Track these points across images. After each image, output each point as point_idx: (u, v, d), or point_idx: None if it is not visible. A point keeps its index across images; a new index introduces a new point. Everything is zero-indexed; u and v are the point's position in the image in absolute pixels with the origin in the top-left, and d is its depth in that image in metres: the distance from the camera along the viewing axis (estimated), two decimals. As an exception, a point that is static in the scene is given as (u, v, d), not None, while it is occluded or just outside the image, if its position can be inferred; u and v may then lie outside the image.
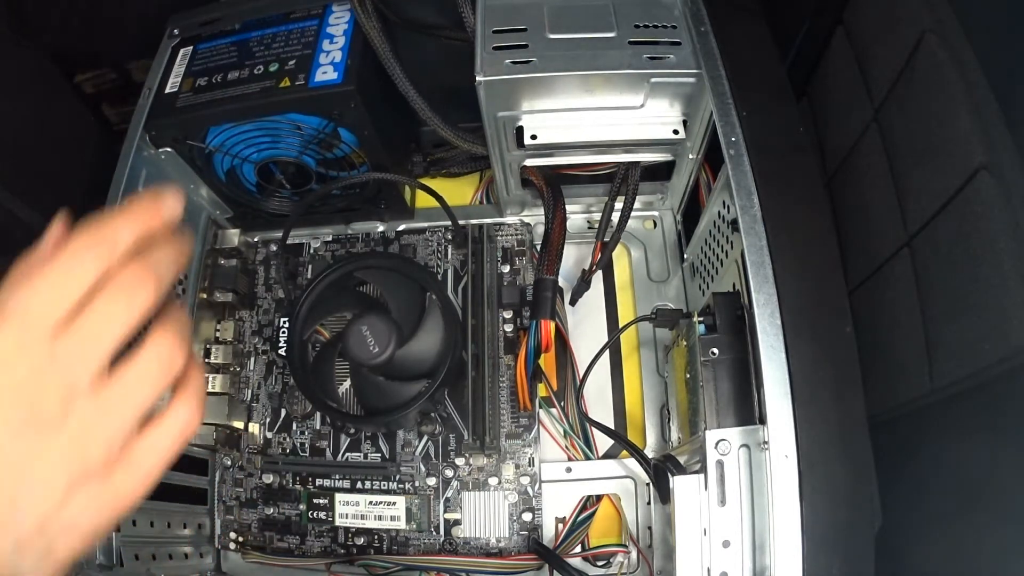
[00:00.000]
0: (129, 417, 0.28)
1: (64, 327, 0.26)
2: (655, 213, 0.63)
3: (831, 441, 0.35)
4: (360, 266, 0.55)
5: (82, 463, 0.27)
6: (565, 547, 0.54)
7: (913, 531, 0.44)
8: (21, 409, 0.26)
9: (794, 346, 0.36)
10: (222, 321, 0.62)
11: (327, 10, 0.54)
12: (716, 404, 0.40)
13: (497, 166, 0.54)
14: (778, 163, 0.42)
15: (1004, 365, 0.35)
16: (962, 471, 0.40)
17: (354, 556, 0.56)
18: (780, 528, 0.34)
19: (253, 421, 0.59)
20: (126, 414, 0.28)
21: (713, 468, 0.38)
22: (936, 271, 0.41)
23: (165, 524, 0.52)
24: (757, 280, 0.38)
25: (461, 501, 0.56)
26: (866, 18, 0.49)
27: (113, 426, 0.27)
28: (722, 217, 0.47)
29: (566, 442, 0.57)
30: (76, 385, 0.26)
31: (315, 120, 0.52)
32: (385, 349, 0.49)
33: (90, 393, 0.27)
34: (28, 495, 0.26)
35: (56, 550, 0.27)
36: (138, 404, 0.28)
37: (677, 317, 0.51)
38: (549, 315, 0.52)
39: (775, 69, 0.47)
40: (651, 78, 0.45)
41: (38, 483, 0.26)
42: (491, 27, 0.46)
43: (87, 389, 0.26)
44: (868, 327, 0.45)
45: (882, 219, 0.46)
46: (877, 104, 0.47)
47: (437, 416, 0.57)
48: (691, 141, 0.50)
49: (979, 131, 0.37)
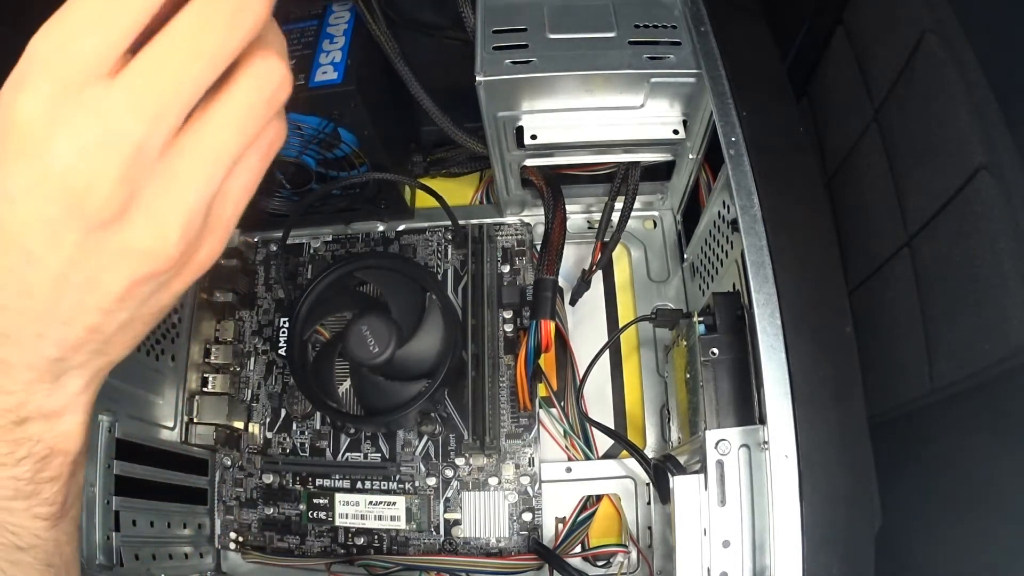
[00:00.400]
0: (217, 186, 0.20)
1: (120, 67, 0.18)
2: (655, 213, 0.63)
3: (831, 441, 0.35)
4: (360, 266, 0.55)
5: (151, 262, 0.20)
6: (565, 547, 0.54)
7: (913, 531, 0.44)
8: (60, 203, 0.18)
9: (794, 346, 0.36)
10: (222, 321, 0.62)
11: (327, 10, 0.54)
12: (716, 404, 0.40)
13: (497, 166, 0.54)
14: (778, 163, 0.42)
15: (1004, 365, 0.35)
16: (962, 471, 0.40)
17: (354, 556, 0.56)
18: (780, 528, 0.34)
19: (253, 421, 0.59)
20: (213, 184, 0.20)
21: (713, 468, 0.38)
22: (936, 271, 0.41)
23: (165, 524, 0.52)
24: (757, 280, 0.38)
25: (461, 501, 0.56)
26: (866, 18, 0.49)
27: (197, 204, 0.20)
28: (722, 217, 0.47)
29: (566, 442, 0.57)
30: (144, 158, 0.18)
31: (315, 120, 0.52)
32: (385, 349, 0.49)
33: (161, 163, 0.19)
34: (72, 302, 0.21)
35: (111, 350, 0.23)
36: (229, 159, 0.20)
37: (677, 317, 0.51)
38: (549, 315, 0.52)
39: (775, 69, 0.47)
40: (651, 78, 0.45)
41: (86, 289, 0.21)
42: (491, 27, 0.46)
43: (157, 159, 0.19)
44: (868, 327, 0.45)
45: (882, 219, 0.46)
46: (877, 104, 0.47)
47: (437, 416, 0.57)
48: (691, 141, 0.50)
49: (979, 131, 0.37)
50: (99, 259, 0.20)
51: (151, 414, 0.54)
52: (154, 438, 0.53)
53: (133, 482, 0.49)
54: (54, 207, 0.18)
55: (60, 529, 0.27)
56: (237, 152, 0.21)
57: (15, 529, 0.25)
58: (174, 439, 0.56)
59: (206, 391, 0.59)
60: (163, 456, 0.53)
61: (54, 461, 0.25)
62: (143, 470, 0.50)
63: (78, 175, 0.18)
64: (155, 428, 0.54)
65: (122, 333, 0.23)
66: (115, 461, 0.47)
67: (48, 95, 0.17)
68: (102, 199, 0.18)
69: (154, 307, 0.23)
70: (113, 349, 0.24)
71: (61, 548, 0.27)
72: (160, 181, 0.19)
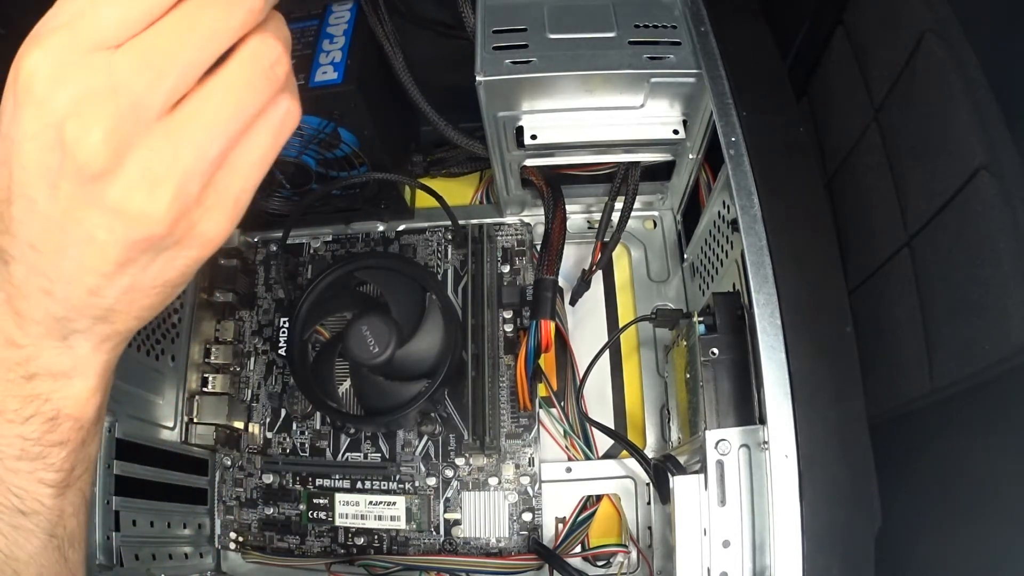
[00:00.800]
0: (215, 153, 0.21)
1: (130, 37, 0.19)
2: (655, 213, 0.63)
3: (831, 441, 0.35)
4: (360, 266, 0.55)
5: (144, 224, 0.21)
6: (565, 547, 0.54)
7: (913, 531, 0.44)
8: (57, 152, 0.20)
9: (794, 346, 0.36)
10: (222, 321, 0.62)
11: (327, 10, 0.54)
12: (716, 404, 0.40)
13: (497, 166, 0.54)
14: (778, 163, 0.42)
15: (1004, 365, 0.35)
16: (962, 471, 0.40)
17: (354, 556, 0.56)
18: (780, 528, 0.34)
19: (253, 421, 0.59)
20: (210, 150, 0.21)
21: (713, 468, 0.38)
22: (936, 271, 0.41)
23: (165, 524, 0.52)
24: (757, 280, 0.38)
25: (461, 501, 0.56)
26: (866, 18, 0.49)
27: (191, 168, 0.21)
28: (722, 217, 0.47)
29: (566, 442, 0.57)
30: (139, 115, 0.19)
31: (315, 120, 0.52)
32: (385, 349, 0.49)
33: (158, 125, 0.20)
34: (73, 260, 0.21)
35: (115, 318, 0.24)
36: (229, 133, 0.21)
37: (677, 317, 0.51)
38: (549, 315, 0.52)
39: (775, 69, 0.47)
40: (651, 78, 0.45)
41: (84, 247, 0.21)
42: (491, 27, 0.46)
43: (154, 119, 0.20)
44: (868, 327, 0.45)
45: (882, 219, 0.46)
46: (877, 104, 0.47)
47: (437, 416, 0.57)
48: (691, 141, 0.50)
49: (979, 131, 0.37)
50: (94, 215, 0.20)
51: (151, 414, 0.54)
52: (154, 438, 0.53)
53: (133, 482, 0.49)
54: (52, 155, 0.20)
55: (66, 499, 0.27)
56: (237, 122, 0.21)
57: (19, 492, 0.25)
58: (174, 439, 0.56)
59: (206, 391, 0.59)
60: (163, 456, 0.53)
61: (63, 425, 0.25)
62: (143, 470, 0.50)
63: (72, 124, 0.19)
64: (155, 428, 0.54)
65: (125, 302, 0.23)
66: (115, 461, 0.47)
67: (59, 50, 0.19)
68: (91, 149, 0.19)
69: (157, 279, 0.23)
70: (118, 318, 0.24)
71: (65, 519, 0.27)
72: (156, 142, 0.20)
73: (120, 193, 0.20)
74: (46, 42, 0.19)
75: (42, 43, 0.19)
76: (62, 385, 0.25)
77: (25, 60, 0.19)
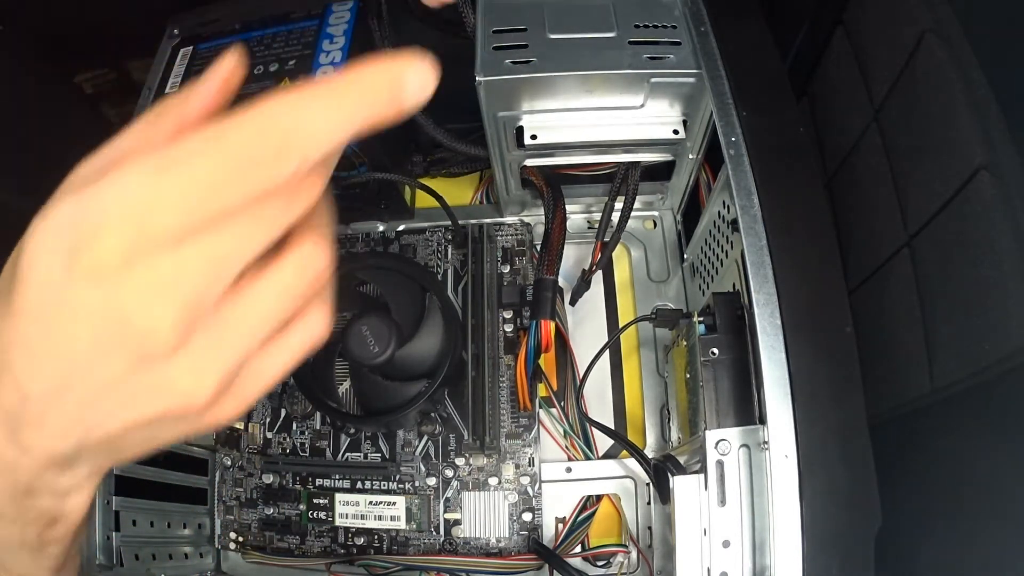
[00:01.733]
0: (253, 343, 0.22)
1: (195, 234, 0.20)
2: (655, 213, 0.63)
3: (831, 441, 0.35)
4: (360, 266, 0.55)
5: (184, 401, 0.22)
6: (565, 547, 0.54)
7: (913, 531, 0.44)
8: (116, 333, 0.20)
9: (794, 346, 0.36)
10: (222, 321, 0.62)
11: (327, 10, 0.54)
12: (716, 404, 0.40)
13: (497, 166, 0.54)
14: (778, 163, 0.42)
15: (1004, 365, 0.35)
16: (962, 471, 0.40)
17: (354, 556, 0.56)
18: (780, 528, 0.34)
19: (253, 421, 0.59)
20: (250, 340, 0.22)
21: (713, 468, 0.38)
22: (936, 271, 0.41)
23: (165, 524, 0.53)
24: (757, 280, 0.38)
25: (461, 501, 0.56)
26: (866, 18, 0.49)
27: (232, 360, 0.22)
28: (722, 217, 0.47)
29: (566, 442, 0.57)
30: (198, 306, 0.21)
31: (315, 120, 0.52)
32: (385, 349, 0.49)
33: (211, 315, 0.21)
34: (104, 417, 0.22)
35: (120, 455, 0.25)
36: (267, 327, 0.23)
37: (677, 317, 0.51)
38: (549, 315, 0.52)
39: (775, 69, 0.47)
40: (651, 78, 0.45)
41: (120, 409, 0.22)
42: (491, 27, 0.46)
43: (210, 310, 0.21)
44: (868, 327, 0.45)
45: (882, 219, 0.46)
46: (877, 104, 0.47)
47: (437, 416, 0.57)
48: (691, 141, 0.50)
49: (979, 131, 0.37)
50: (139, 387, 0.21)
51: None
52: (154, 438, 0.53)
53: (133, 482, 0.49)
54: (111, 335, 0.20)
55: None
56: (271, 324, 0.23)
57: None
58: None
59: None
60: (163, 456, 0.53)
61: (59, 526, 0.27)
62: (143, 470, 0.50)
63: (142, 313, 0.20)
64: (155, 428, 0.54)
65: (134, 445, 0.25)
66: (115, 461, 0.47)
67: (129, 239, 0.20)
68: (160, 338, 0.20)
69: (166, 436, 0.25)
70: (122, 454, 0.25)
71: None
72: (208, 332, 0.21)
73: (172, 375, 0.21)
74: (116, 226, 0.19)
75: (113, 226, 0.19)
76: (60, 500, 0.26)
77: (99, 237, 0.19)
